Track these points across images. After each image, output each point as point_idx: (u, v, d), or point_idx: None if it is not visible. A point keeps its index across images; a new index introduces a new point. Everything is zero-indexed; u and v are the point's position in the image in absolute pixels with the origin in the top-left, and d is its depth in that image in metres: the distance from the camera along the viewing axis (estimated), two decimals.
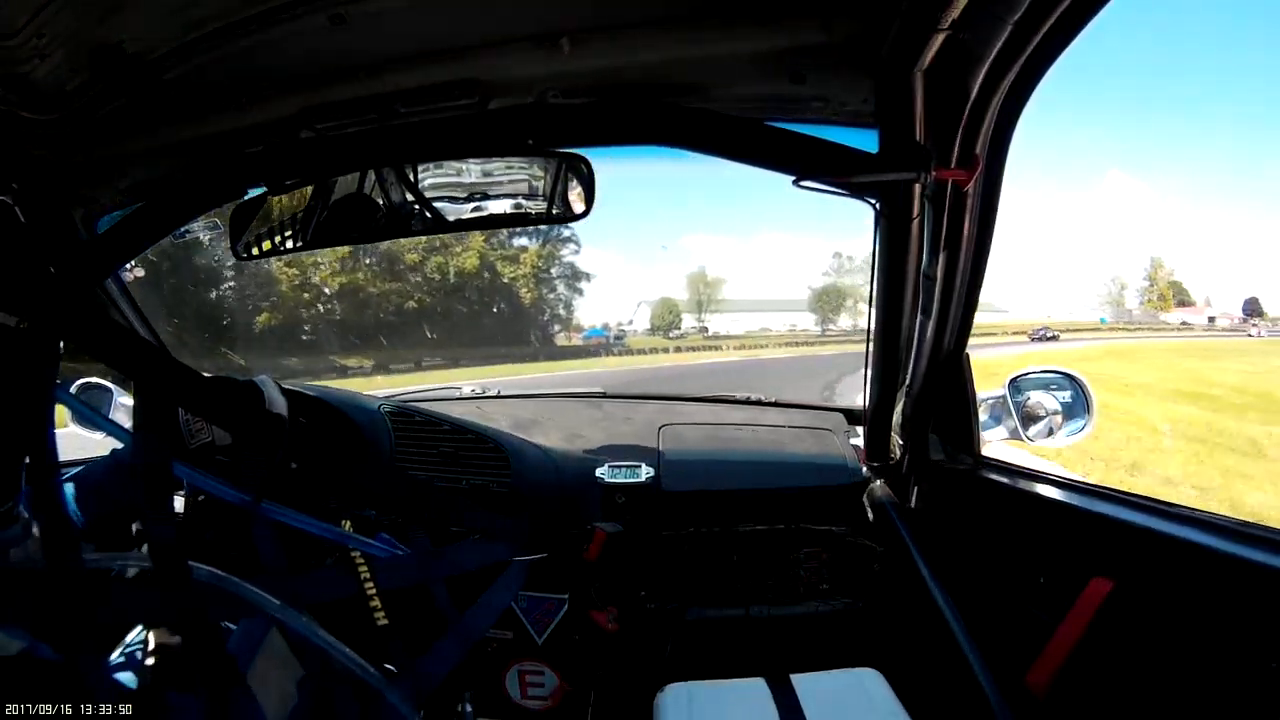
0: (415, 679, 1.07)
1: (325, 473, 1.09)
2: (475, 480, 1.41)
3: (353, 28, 0.91)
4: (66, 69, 0.90)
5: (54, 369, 0.81)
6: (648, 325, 47.59)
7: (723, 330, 49.58)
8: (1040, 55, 0.85)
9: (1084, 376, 1.36)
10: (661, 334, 46.30)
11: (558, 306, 36.81)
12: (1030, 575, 1.00)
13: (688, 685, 1.12)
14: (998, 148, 0.98)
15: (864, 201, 1.15)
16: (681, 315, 49.24)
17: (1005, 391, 1.34)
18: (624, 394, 1.99)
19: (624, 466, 1.48)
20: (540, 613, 1.42)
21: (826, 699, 1.08)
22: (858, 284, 52.44)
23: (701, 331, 48.55)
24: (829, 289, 53.18)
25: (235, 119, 1.13)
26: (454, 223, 1.26)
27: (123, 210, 1.39)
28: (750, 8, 0.94)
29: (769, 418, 1.71)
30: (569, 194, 1.22)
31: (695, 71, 1.07)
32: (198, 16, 0.87)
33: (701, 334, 48.05)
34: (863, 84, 1.06)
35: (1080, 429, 1.35)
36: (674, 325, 48.08)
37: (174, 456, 0.88)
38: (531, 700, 1.46)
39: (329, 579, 1.06)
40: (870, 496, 1.45)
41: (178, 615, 0.88)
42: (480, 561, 1.25)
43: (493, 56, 1.02)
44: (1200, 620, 0.74)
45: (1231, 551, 0.71)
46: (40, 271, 0.90)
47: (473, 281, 31.26)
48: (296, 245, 1.32)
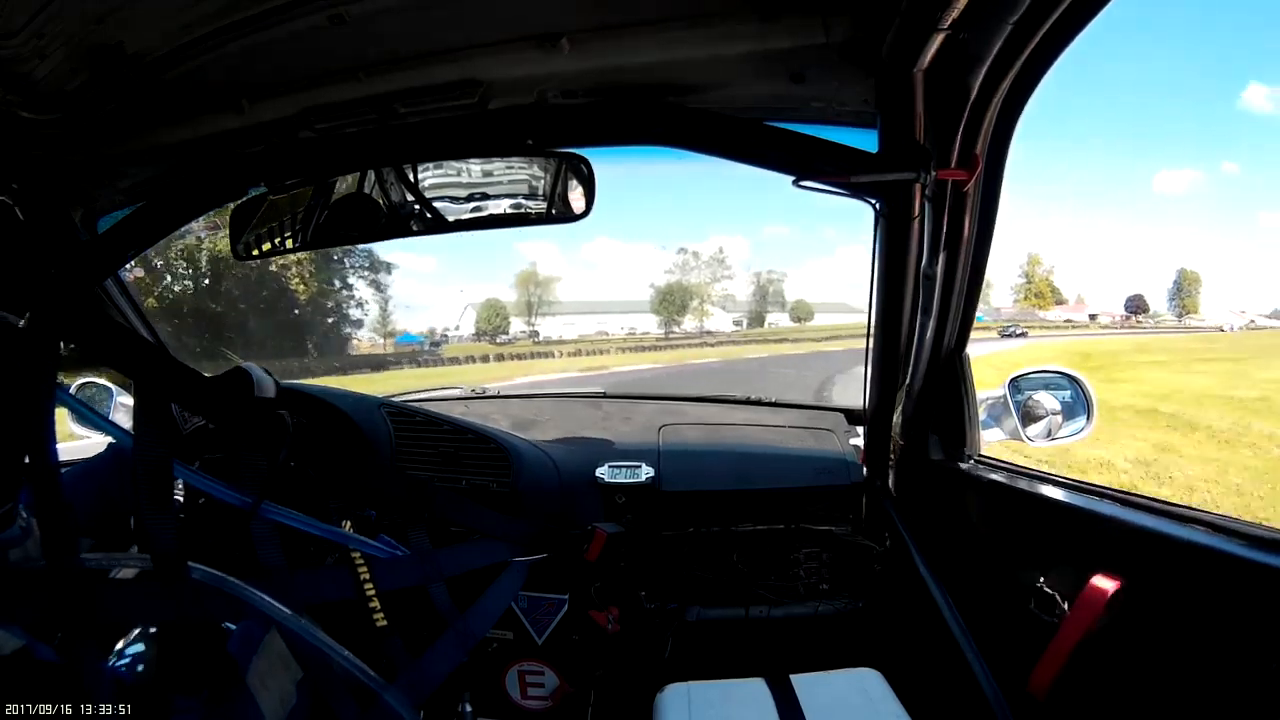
0: (415, 679, 1.06)
1: (325, 473, 1.09)
2: (475, 480, 1.41)
3: (352, 28, 0.91)
4: (66, 69, 0.90)
5: (54, 369, 0.81)
6: (473, 330, 44.29)
7: (554, 334, 46.33)
8: (1040, 55, 0.85)
9: (1084, 376, 1.37)
10: (488, 339, 43.31)
11: (347, 306, 31.89)
12: (1030, 575, 1.00)
13: (688, 685, 1.12)
14: (998, 148, 0.98)
15: (864, 201, 1.15)
16: (510, 319, 45.83)
17: (1005, 391, 1.34)
18: (624, 394, 2.00)
19: (624, 466, 1.48)
20: (540, 613, 1.42)
21: (826, 699, 1.08)
22: (704, 281, 50.08)
23: (531, 336, 45.17)
24: (673, 288, 49.99)
25: (235, 119, 1.13)
26: (454, 223, 1.26)
27: (123, 210, 1.39)
28: (750, 8, 0.94)
29: (769, 418, 1.71)
30: (569, 194, 1.22)
31: (695, 71, 1.07)
32: (198, 16, 0.87)
33: (531, 339, 44.64)
34: (863, 84, 1.06)
35: (1080, 429, 1.35)
36: (501, 329, 44.79)
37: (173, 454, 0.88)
38: (531, 700, 1.46)
39: (329, 579, 1.06)
40: (870, 496, 1.45)
41: (177, 616, 0.88)
42: (480, 562, 1.25)
43: (493, 56, 1.02)
44: (1200, 621, 0.74)
45: (1232, 552, 0.71)
46: (40, 271, 0.90)
47: (230, 270, 23.92)
48: (296, 245, 1.32)
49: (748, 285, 55.02)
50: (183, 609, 0.86)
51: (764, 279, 55.75)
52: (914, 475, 1.33)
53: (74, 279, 1.20)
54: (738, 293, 53.82)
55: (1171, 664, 0.77)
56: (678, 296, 49.90)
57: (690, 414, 1.74)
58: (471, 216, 1.26)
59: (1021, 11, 0.77)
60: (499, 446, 1.46)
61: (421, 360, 33.80)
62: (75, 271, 1.21)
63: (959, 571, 1.17)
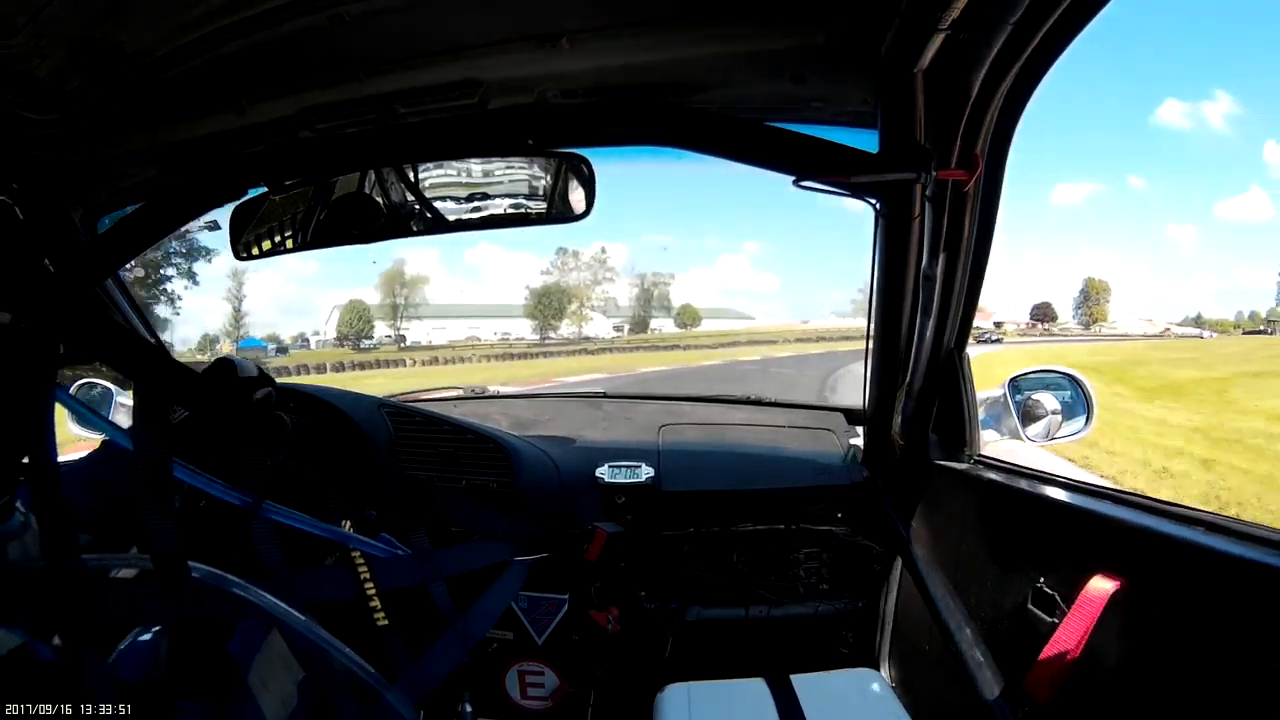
0: (415, 679, 1.06)
1: (325, 472, 1.09)
2: (475, 480, 1.41)
3: (352, 27, 0.91)
4: (66, 69, 0.90)
5: (54, 369, 0.81)
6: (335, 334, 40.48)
7: (424, 338, 42.67)
8: (1040, 55, 0.85)
9: (1084, 376, 1.37)
10: (351, 344, 40.07)
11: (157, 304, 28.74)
12: (1030, 575, 1.00)
13: (688, 685, 1.12)
14: (998, 148, 0.98)
15: (864, 201, 1.15)
16: (374, 322, 42.03)
17: (1005, 391, 1.34)
18: (624, 394, 2.00)
19: (624, 466, 1.48)
20: (540, 613, 1.42)
21: (826, 699, 1.08)
22: (584, 283, 46.32)
23: (398, 341, 41.35)
24: (550, 290, 46.54)
25: (235, 119, 1.13)
26: (454, 223, 1.26)
27: (123, 210, 1.39)
28: (750, 8, 0.94)
29: (769, 418, 1.71)
30: (569, 194, 1.22)
31: (695, 71, 1.07)
32: (198, 16, 0.87)
33: (397, 344, 40.75)
34: (863, 84, 1.06)
35: (1080, 429, 1.35)
36: (365, 334, 41.06)
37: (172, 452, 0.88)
38: (531, 700, 1.46)
39: (329, 579, 1.06)
40: (870, 496, 1.45)
41: (177, 616, 0.88)
42: (480, 562, 1.25)
43: (493, 56, 1.02)
44: (1200, 621, 0.74)
45: (1232, 552, 0.71)
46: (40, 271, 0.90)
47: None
48: (296, 245, 1.32)
49: (630, 288, 51.30)
50: (183, 609, 0.86)
51: (649, 281, 52.16)
52: (914, 475, 1.33)
53: (74, 279, 1.20)
54: (620, 296, 50.55)
55: (1171, 664, 0.77)
56: (555, 299, 46.57)
57: (690, 414, 1.74)
58: (471, 216, 1.26)
59: (1021, 11, 0.77)
60: (499, 446, 1.46)
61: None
62: (75, 271, 1.21)
63: (959, 571, 1.17)
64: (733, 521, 1.47)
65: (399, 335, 42.46)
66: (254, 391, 1.00)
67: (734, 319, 55.75)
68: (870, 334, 1.31)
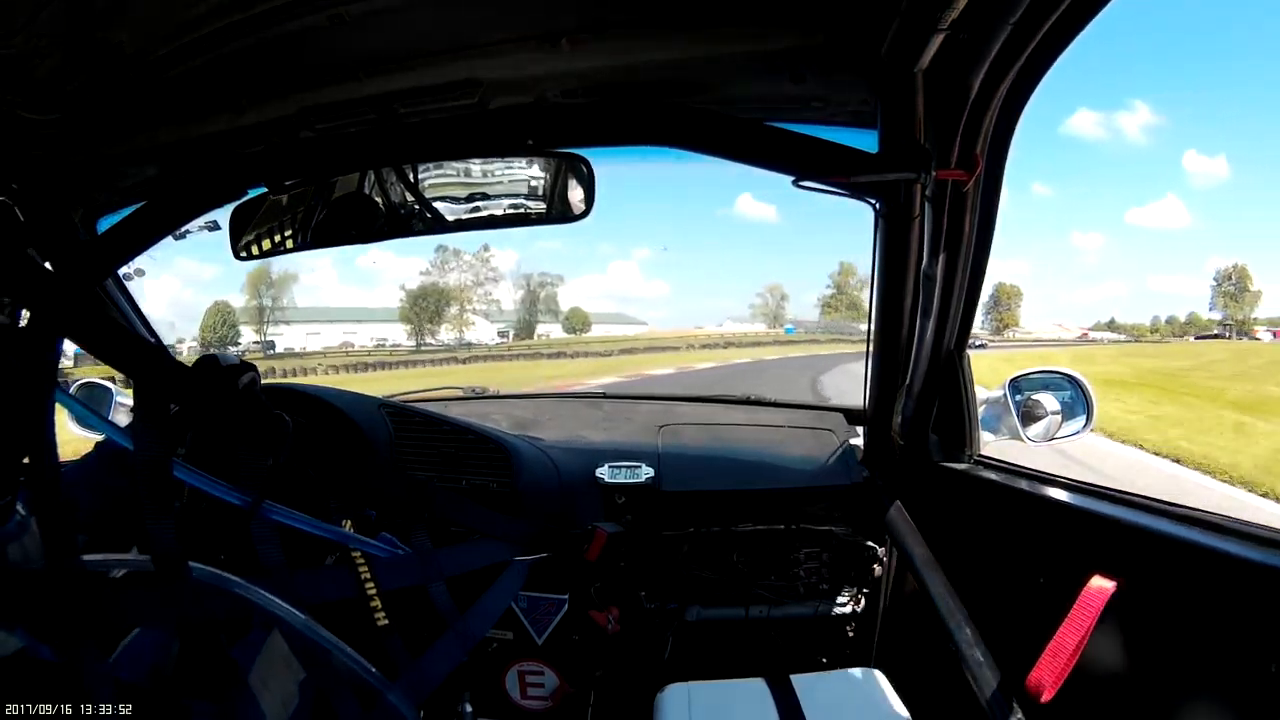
0: (415, 679, 1.07)
1: (325, 472, 1.09)
2: (475, 480, 1.41)
3: (352, 27, 0.91)
4: (66, 69, 0.90)
5: (54, 368, 0.81)
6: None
7: (298, 345, 38.81)
8: (1040, 55, 0.85)
9: (1084, 376, 1.36)
10: (217, 350, 34.79)
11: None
12: (1030, 575, 1.00)
13: (688, 685, 1.12)
14: (998, 148, 0.98)
15: (864, 201, 1.15)
16: (239, 327, 38.09)
17: (1005, 391, 1.34)
18: (624, 394, 2.00)
19: (624, 466, 1.48)
20: (540, 613, 1.42)
21: (826, 699, 1.08)
22: (464, 284, 41.97)
23: (265, 348, 37.56)
24: (427, 291, 42.08)
25: (235, 119, 1.13)
26: (454, 223, 1.26)
27: (123, 210, 1.39)
28: (750, 8, 0.94)
29: (769, 418, 1.71)
30: (569, 194, 1.22)
31: (695, 71, 1.07)
32: (198, 16, 0.87)
33: (264, 351, 37.15)
34: (863, 84, 1.06)
35: (1080, 429, 1.35)
36: (230, 340, 37.18)
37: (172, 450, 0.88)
38: (531, 700, 1.46)
39: (329, 579, 1.06)
40: (870, 496, 1.45)
41: (178, 616, 0.88)
42: (481, 562, 1.25)
43: (493, 56, 1.02)
44: (1199, 620, 0.74)
45: (1231, 551, 0.71)
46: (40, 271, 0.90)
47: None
48: (296, 245, 1.32)
49: (515, 290, 47.99)
50: (184, 609, 0.86)
51: (535, 283, 48.57)
52: (914, 475, 1.33)
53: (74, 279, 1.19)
54: (505, 299, 47.21)
55: (1171, 664, 0.77)
56: (433, 301, 42.26)
57: (690, 414, 1.74)
58: (471, 216, 1.26)
59: (1021, 11, 0.77)
60: (499, 446, 1.46)
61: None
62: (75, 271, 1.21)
63: (959, 571, 1.17)
64: (733, 521, 1.47)
65: (267, 342, 38.53)
66: (239, 378, 1.00)
67: (626, 324, 54.00)
68: (870, 334, 1.31)
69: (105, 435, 1.04)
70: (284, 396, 1.33)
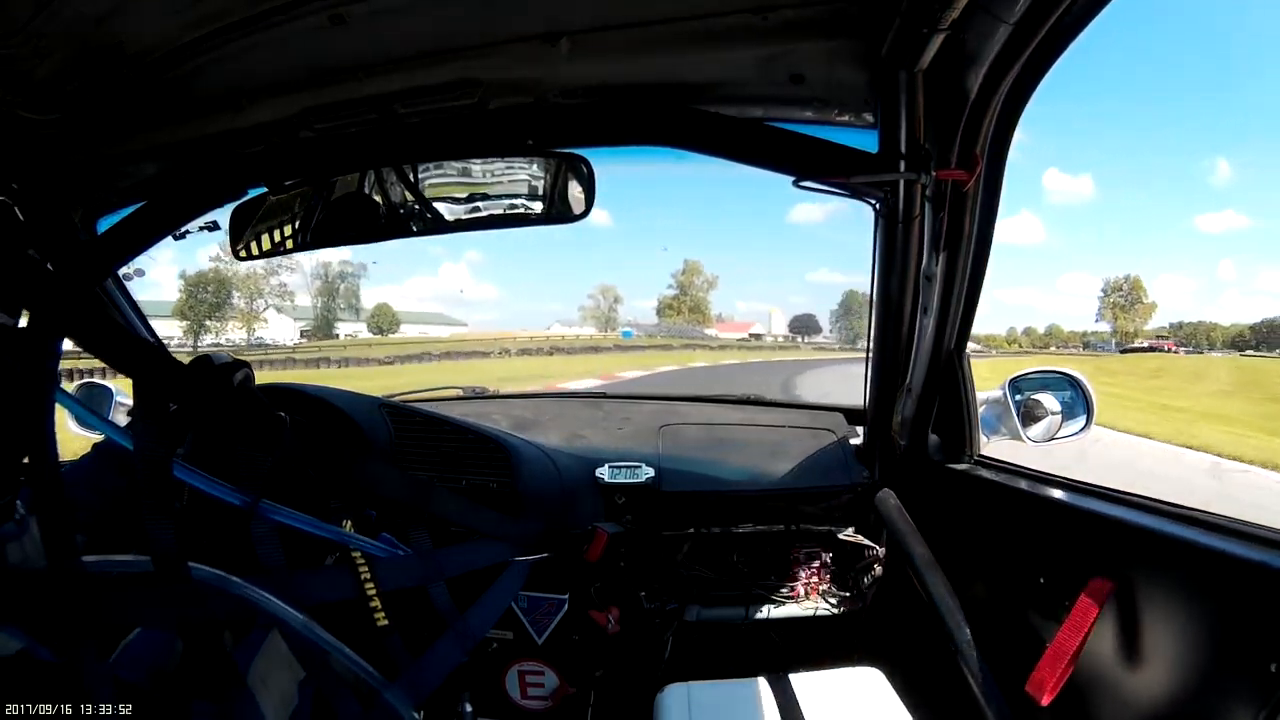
0: (415, 679, 1.06)
1: (325, 472, 1.09)
2: (475, 480, 1.41)
3: (353, 28, 0.91)
4: (66, 69, 0.90)
5: (54, 368, 0.81)
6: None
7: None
8: (1040, 55, 0.85)
9: (1084, 377, 1.36)
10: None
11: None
12: (1030, 575, 1.00)
13: (688, 685, 1.12)
14: (998, 148, 0.98)
15: (864, 201, 1.15)
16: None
17: (1005, 391, 1.34)
18: (624, 394, 2.00)
19: (624, 467, 1.48)
20: (540, 613, 1.41)
21: (826, 699, 1.08)
22: (254, 272, 35.51)
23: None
24: (205, 279, 35.01)
25: (235, 119, 1.13)
26: (454, 223, 1.26)
27: (123, 210, 1.39)
28: (750, 8, 0.94)
29: (769, 418, 1.71)
30: (568, 194, 1.22)
31: (695, 72, 1.07)
32: (198, 16, 0.87)
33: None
34: (863, 84, 1.06)
35: (1080, 429, 1.34)
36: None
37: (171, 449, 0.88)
38: (531, 700, 1.45)
39: (329, 579, 1.06)
40: (870, 496, 1.45)
41: (178, 616, 0.88)
42: (481, 562, 1.25)
43: (493, 56, 1.02)
44: (1199, 621, 0.74)
45: (1231, 552, 0.71)
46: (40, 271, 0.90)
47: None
48: (296, 245, 1.32)
49: (313, 282, 41.00)
50: (184, 609, 0.86)
51: (333, 273, 41.36)
52: (914, 475, 1.33)
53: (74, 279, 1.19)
54: (301, 292, 40.51)
55: (1171, 664, 0.77)
56: (214, 292, 34.72)
57: (690, 414, 1.74)
58: (471, 216, 1.26)
59: (1021, 12, 0.77)
60: (499, 446, 1.45)
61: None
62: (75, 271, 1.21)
63: (959, 571, 1.17)
64: (733, 522, 1.47)
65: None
66: (233, 375, 1.00)
67: (442, 324, 50.25)
68: (870, 334, 1.31)
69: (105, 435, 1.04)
70: (283, 396, 1.33)
